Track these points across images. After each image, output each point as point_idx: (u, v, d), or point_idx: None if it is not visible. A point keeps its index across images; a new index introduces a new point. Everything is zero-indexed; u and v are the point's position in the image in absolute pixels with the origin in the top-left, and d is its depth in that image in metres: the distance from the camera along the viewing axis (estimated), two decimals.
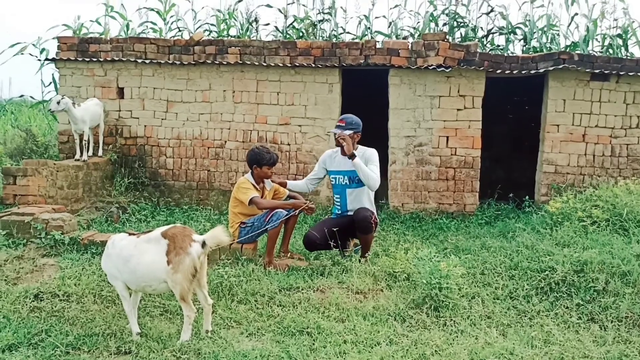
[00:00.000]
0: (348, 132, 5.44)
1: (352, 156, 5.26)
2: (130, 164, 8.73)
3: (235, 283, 4.82)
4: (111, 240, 4.21)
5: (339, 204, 5.70)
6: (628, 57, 9.31)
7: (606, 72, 8.08)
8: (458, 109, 8.26)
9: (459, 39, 11.22)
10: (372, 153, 5.49)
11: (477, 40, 11.03)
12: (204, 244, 3.97)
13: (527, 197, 8.12)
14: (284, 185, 5.74)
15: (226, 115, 8.66)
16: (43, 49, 10.70)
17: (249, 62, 8.35)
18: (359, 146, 5.59)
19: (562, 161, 8.31)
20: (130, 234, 4.16)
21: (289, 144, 8.57)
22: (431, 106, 8.30)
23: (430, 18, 11.42)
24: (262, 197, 5.45)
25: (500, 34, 11.38)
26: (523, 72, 8.13)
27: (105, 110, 8.68)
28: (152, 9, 11.68)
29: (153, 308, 4.61)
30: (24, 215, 5.94)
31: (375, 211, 5.57)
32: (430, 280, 4.57)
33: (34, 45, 10.71)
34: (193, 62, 8.50)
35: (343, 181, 5.62)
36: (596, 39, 10.98)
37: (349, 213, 5.56)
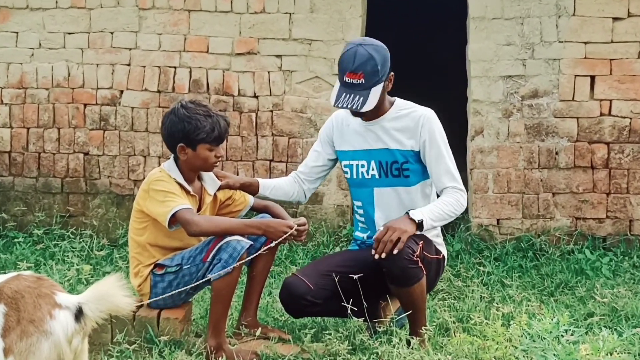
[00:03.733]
0: (372, 98, 3.27)
1: (417, 225, 3.23)
2: None
3: None
4: None
5: (362, 219, 3.78)
6: None
7: None
8: (615, 18, 5.43)
9: None
10: (431, 123, 3.45)
11: None
12: (80, 313, 2.72)
13: None
14: (252, 190, 3.66)
15: (122, 36, 5.89)
16: None
17: None
18: (397, 101, 3.59)
19: None
20: None
21: (255, 96, 5.75)
22: (557, 12, 5.53)
23: None
24: (198, 210, 3.65)
25: None
26: None
27: None
28: None
29: None
30: None
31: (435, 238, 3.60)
32: None
33: None
34: None
35: (366, 172, 3.70)
36: None
37: None
